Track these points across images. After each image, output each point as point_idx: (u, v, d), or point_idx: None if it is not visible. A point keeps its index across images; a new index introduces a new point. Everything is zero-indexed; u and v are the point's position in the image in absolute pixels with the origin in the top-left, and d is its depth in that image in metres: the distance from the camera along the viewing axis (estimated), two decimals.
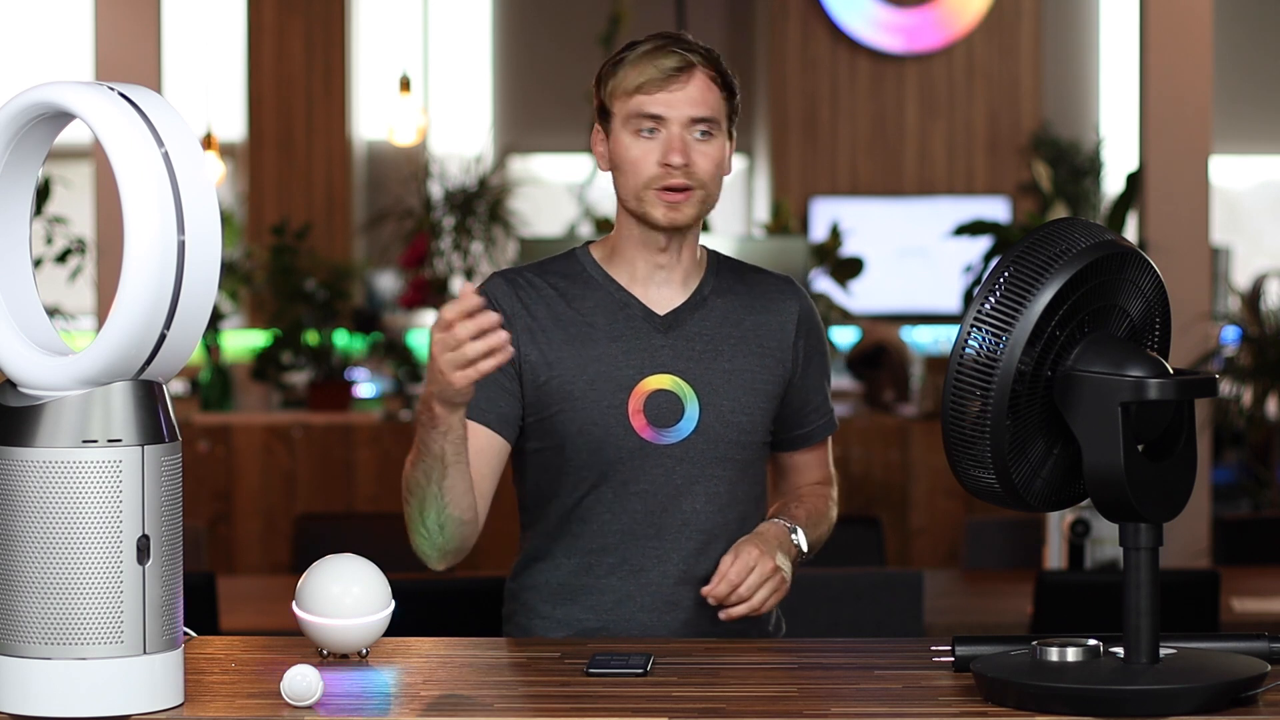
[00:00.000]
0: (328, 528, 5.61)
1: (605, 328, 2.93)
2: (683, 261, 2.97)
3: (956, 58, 11.42)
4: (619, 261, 2.97)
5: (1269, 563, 5.60)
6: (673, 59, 2.88)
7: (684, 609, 2.93)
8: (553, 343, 2.92)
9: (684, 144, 2.87)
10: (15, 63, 11.34)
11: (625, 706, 2.36)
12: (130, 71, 6.91)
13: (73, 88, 2.27)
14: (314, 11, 11.38)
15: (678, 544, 2.93)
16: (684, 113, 2.88)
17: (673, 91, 2.88)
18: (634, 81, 2.89)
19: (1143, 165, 6.88)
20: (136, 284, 2.23)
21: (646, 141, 2.89)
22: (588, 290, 2.96)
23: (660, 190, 2.88)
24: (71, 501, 2.24)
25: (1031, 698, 2.29)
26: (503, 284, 2.96)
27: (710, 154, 2.89)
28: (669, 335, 2.94)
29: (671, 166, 2.87)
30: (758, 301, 3.00)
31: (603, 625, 2.93)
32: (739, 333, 2.97)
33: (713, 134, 2.90)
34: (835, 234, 8.91)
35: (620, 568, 2.93)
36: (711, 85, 2.90)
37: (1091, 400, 2.31)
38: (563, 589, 2.95)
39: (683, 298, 2.97)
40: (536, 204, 9.96)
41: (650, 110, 2.88)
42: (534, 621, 2.97)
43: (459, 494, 2.80)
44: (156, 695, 2.30)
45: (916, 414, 7.48)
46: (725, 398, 2.93)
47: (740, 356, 2.96)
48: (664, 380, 2.92)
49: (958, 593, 5.36)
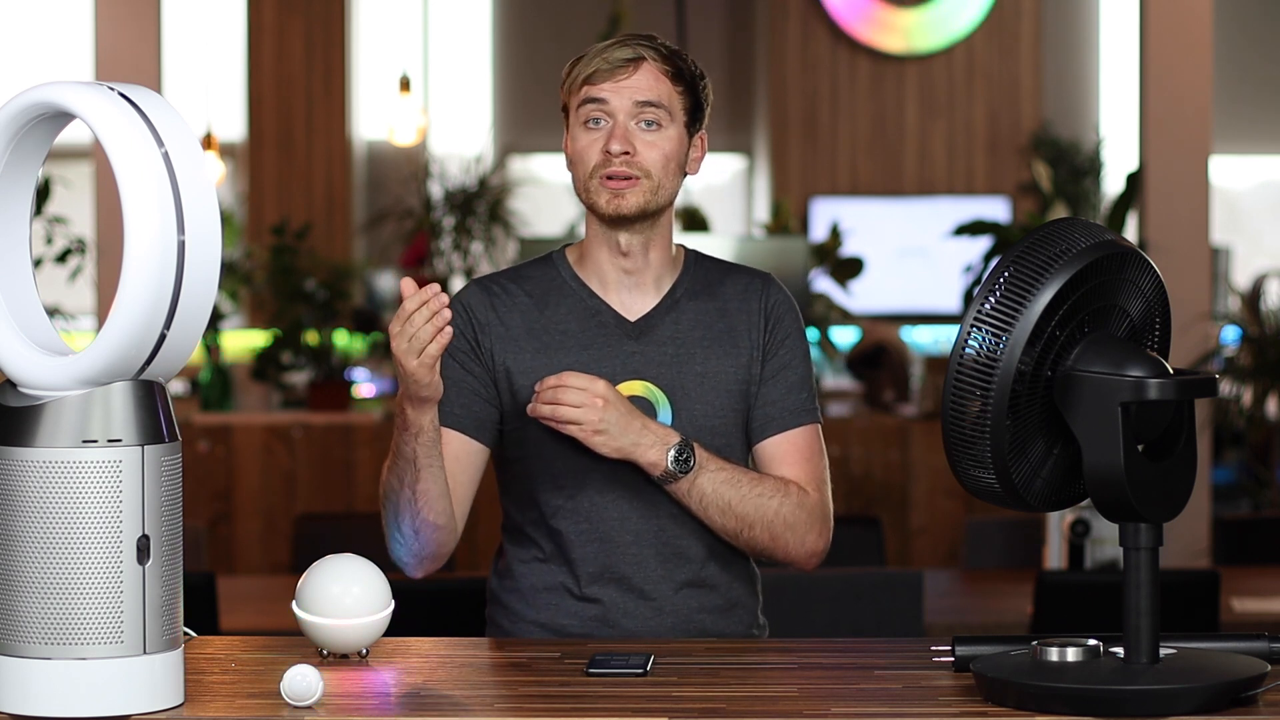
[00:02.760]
0: (328, 528, 5.61)
1: (577, 335, 2.93)
2: (651, 264, 2.96)
3: (956, 58, 11.42)
4: (589, 265, 2.97)
5: (1269, 563, 5.60)
6: (624, 51, 2.90)
7: (666, 614, 2.92)
8: (525, 351, 2.93)
9: (626, 132, 2.88)
10: (15, 63, 11.34)
11: (625, 706, 2.36)
12: (130, 71, 6.91)
13: (73, 88, 2.27)
14: (314, 11, 11.38)
15: (655, 549, 2.92)
16: (627, 100, 2.88)
17: (618, 80, 2.88)
18: (583, 74, 2.91)
19: (1143, 165, 6.88)
20: (136, 284, 2.23)
21: (594, 132, 2.89)
22: (561, 297, 2.96)
23: (603, 179, 2.88)
24: (71, 501, 2.24)
25: (1031, 698, 2.29)
26: (479, 292, 2.97)
27: (657, 144, 2.89)
28: (640, 341, 2.94)
29: (611, 154, 2.87)
30: (731, 302, 2.98)
31: (585, 631, 2.92)
32: (711, 334, 2.96)
33: (660, 124, 2.89)
34: (835, 234, 8.92)
35: (603, 575, 2.92)
36: (661, 76, 2.90)
37: (1091, 400, 2.31)
38: (544, 593, 2.95)
39: (654, 301, 2.96)
40: (536, 204, 9.96)
41: (595, 95, 2.88)
42: (517, 625, 2.97)
43: (433, 498, 2.81)
44: (156, 695, 2.30)
45: (916, 414, 7.47)
46: (698, 401, 2.92)
47: (713, 359, 2.95)
48: (636, 387, 2.92)
49: (958, 593, 5.36)
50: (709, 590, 2.95)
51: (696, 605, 2.94)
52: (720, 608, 2.96)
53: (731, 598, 2.97)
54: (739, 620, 2.98)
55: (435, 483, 2.80)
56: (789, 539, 2.92)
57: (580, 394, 2.80)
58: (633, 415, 2.83)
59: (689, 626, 2.93)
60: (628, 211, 2.89)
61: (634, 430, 2.83)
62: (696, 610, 2.93)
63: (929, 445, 7.21)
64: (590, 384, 2.80)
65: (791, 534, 2.92)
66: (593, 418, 2.80)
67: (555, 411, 2.80)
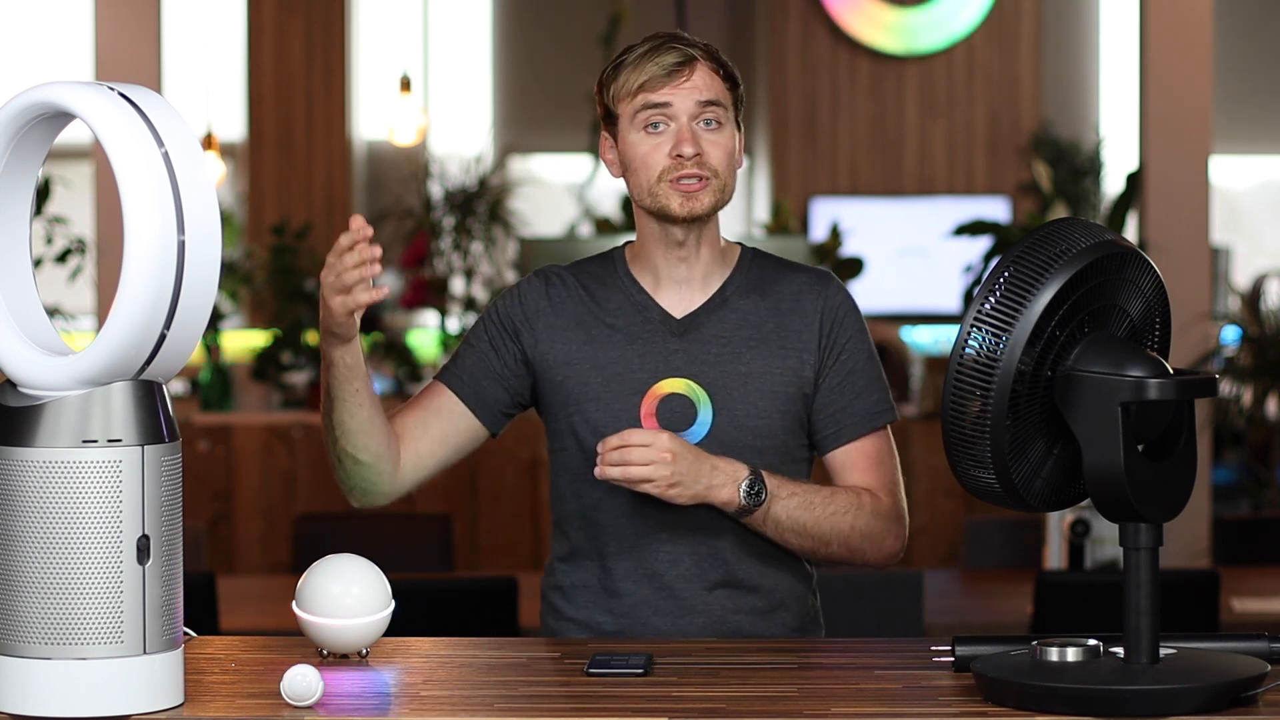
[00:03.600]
0: (328, 528, 5.61)
1: (624, 330, 2.93)
2: (702, 258, 2.95)
3: (956, 58, 11.42)
4: (642, 263, 2.97)
5: (1269, 563, 5.60)
6: (673, 55, 2.89)
7: (700, 614, 2.90)
8: (573, 342, 2.94)
9: (693, 134, 2.87)
10: (15, 63, 11.33)
11: (625, 706, 2.36)
12: (130, 71, 6.91)
13: (73, 88, 2.27)
14: (314, 11, 11.37)
15: (691, 549, 2.90)
16: (690, 101, 2.87)
17: (678, 84, 2.88)
18: (637, 81, 2.89)
19: (1143, 165, 6.88)
20: (136, 284, 2.23)
21: (655, 137, 2.88)
22: (613, 292, 2.96)
23: (674, 182, 2.88)
24: (71, 501, 2.24)
25: (1031, 698, 2.29)
26: (538, 281, 3.00)
27: (720, 143, 2.89)
28: (684, 339, 2.93)
29: (683, 157, 2.87)
30: (784, 301, 2.96)
31: (620, 629, 2.91)
32: (760, 334, 2.94)
33: (721, 123, 2.89)
34: (835, 234, 8.92)
35: (635, 572, 2.91)
36: (714, 75, 2.90)
37: (1091, 400, 2.31)
38: (582, 591, 2.94)
39: (702, 299, 2.95)
40: (536, 204, 9.96)
41: (656, 101, 2.87)
42: (559, 623, 2.97)
43: (350, 432, 2.85)
44: (156, 695, 2.30)
45: (916, 414, 7.47)
46: (740, 401, 2.90)
47: (760, 359, 2.92)
48: (677, 384, 2.91)
49: (958, 593, 5.36)
50: (746, 591, 2.91)
51: (732, 606, 2.91)
52: (760, 609, 2.92)
53: (775, 599, 2.94)
54: (782, 622, 2.94)
55: (352, 418, 2.84)
56: (866, 549, 2.94)
57: (646, 451, 2.77)
58: (700, 459, 2.81)
59: (722, 627, 2.90)
60: (703, 212, 2.89)
61: (705, 474, 2.80)
62: (731, 611, 2.91)
63: (929, 445, 7.20)
64: (655, 439, 2.78)
65: (869, 543, 2.94)
66: (665, 473, 2.77)
67: (626, 473, 2.77)
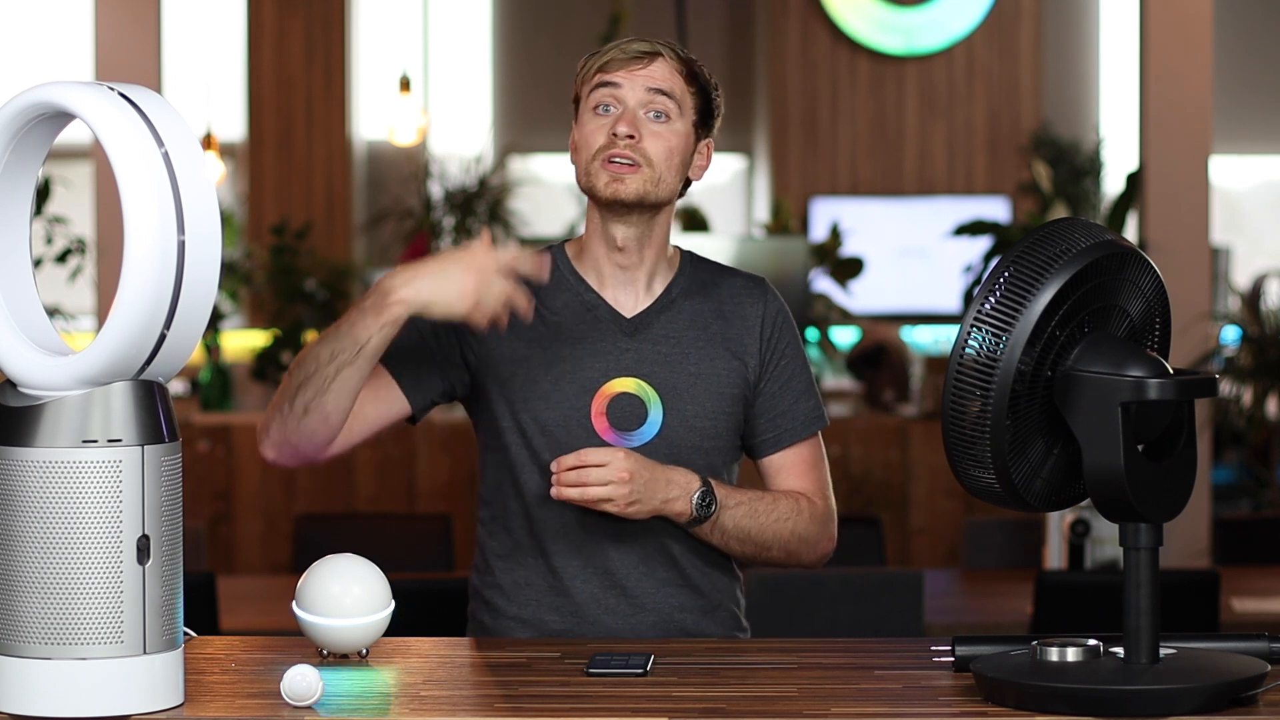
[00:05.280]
0: (328, 528, 5.61)
1: (572, 329, 2.92)
2: (645, 261, 2.95)
3: (956, 58, 11.42)
4: (587, 260, 2.96)
5: (1269, 563, 5.60)
6: (642, 44, 2.91)
7: (651, 612, 2.91)
8: (521, 340, 2.92)
9: (635, 119, 2.87)
10: (15, 63, 11.34)
11: (625, 706, 2.36)
12: (130, 71, 6.91)
13: (73, 88, 2.27)
14: (314, 11, 11.38)
15: (640, 546, 2.90)
16: (641, 88, 2.88)
17: (633, 70, 2.89)
18: (598, 63, 2.92)
19: (1143, 165, 6.88)
20: (136, 284, 2.23)
21: (602, 119, 2.89)
22: (558, 290, 2.95)
23: (605, 162, 2.87)
24: (71, 501, 2.24)
25: (1031, 698, 2.29)
26: None
27: (662, 135, 2.89)
28: (635, 338, 2.93)
29: (617, 135, 2.86)
30: (726, 305, 2.97)
31: (568, 628, 2.90)
32: (707, 335, 2.95)
33: (669, 116, 2.89)
34: (835, 234, 8.92)
35: (584, 570, 2.91)
36: (675, 72, 2.91)
37: (1091, 400, 2.31)
38: (526, 589, 2.93)
39: (650, 299, 2.96)
40: (536, 204, 9.97)
41: (608, 80, 2.88)
42: (499, 621, 2.95)
43: (342, 394, 2.79)
44: (156, 695, 2.30)
45: (916, 414, 7.48)
46: (689, 401, 2.91)
47: (706, 360, 2.94)
48: (628, 384, 2.91)
49: (957, 593, 5.36)
50: (691, 590, 2.93)
51: (678, 604, 2.92)
52: (702, 608, 2.94)
53: (715, 599, 2.96)
54: (721, 622, 2.97)
55: (357, 382, 2.78)
56: (803, 551, 2.97)
57: (604, 471, 2.77)
58: (655, 473, 2.82)
59: (670, 625, 2.92)
60: (625, 197, 2.87)
61: (660, 489, 2.82)
62: (678, 609, 2.92)
63: (929, 445, 7.21)
64: (612, 457, 2.78)
65: (805, 547, 2.96)
66: (623, 492, 2.78)
67: (584, 494, 2.77)
